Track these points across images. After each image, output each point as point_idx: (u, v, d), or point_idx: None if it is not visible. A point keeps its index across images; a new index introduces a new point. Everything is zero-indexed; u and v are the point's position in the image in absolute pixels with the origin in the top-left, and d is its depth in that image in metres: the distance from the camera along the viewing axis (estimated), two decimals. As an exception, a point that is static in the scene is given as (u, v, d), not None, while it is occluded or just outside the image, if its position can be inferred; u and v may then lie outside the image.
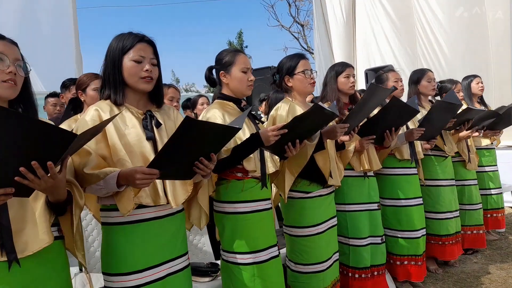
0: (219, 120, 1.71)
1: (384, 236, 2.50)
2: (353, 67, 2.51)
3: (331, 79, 2.43)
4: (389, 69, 3.70)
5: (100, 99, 1.48)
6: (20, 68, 1.17)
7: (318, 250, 2.06)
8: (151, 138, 1.42)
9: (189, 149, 1.30)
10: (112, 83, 1.43)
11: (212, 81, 1.90)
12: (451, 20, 6.02)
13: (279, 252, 1.86)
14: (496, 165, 3.64)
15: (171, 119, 1.55)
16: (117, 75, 1.42)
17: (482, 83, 3.62)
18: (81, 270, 1.92)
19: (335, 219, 2.22)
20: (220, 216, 1.79)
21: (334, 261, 2.17)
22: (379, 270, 2.44)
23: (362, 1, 6.95)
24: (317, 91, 4.11)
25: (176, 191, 1.46)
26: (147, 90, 1.46)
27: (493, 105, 5.10)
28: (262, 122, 2.12)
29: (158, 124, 1.47)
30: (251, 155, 1.73)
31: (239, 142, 1.68)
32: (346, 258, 2.37)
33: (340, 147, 2.30)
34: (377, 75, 3.10)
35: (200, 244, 2.27)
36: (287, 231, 2.13)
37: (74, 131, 1.41)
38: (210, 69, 1.88)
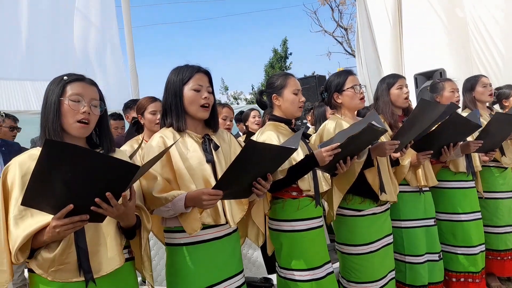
0: (274, 142, 1.79)
1: (441, 253, 2.43)
2: (405, 78, 2.46)
3: (383, 92, 2.40)
4: (445, 78, 3.56)
5: (162, 127, 1.61)
6: (95, 108, 1.30)
7: (371, 269, 2.05)
8: (211, 161, 1.53)
9: (250, 170, 1.39)
10: (175, 111, 1.56)
11: (263, 104, 1.99)
12: (506, 14, 5.64)
13: (332, 268, 1.89)
14: None
15: (226, 142, 1.66)
16: (179, 104, 1.55)
17: (544, 86, 3.38)
18: (144, 282, 2.06)
19: (391, 236, 2.19)
20: (276, 234, 1.86)
21: (390, 279, 2.15)
22: (437, 287, 2.37)
23: (409, 2, 6.71)
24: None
25: (233, 211, 1.56)
26: (204, 117, 1.58)
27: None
28: (310, 135, 2.17)
29: (216, 147, 1.58)
30: (306, 175, 1.79)
31: (294, 163, 1.74)
32: (402, 276, 2.33)
33: (394, 163, 2.27)
34: (432, 84, 3.01)
35: (253, 258, 2.35)
36: (339, 248, 2.15)
37: (141, 155, 1.56)
38: (261, 93, 1.97)
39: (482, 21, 5.89)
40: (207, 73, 1.60)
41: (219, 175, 1.50)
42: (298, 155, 1.78)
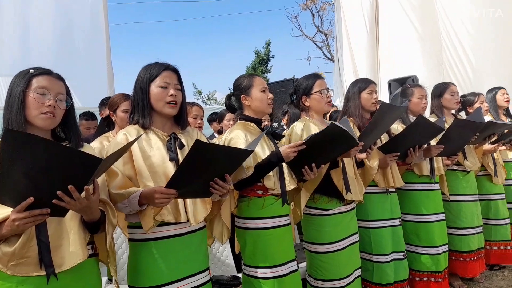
0: (242, 140, 1.82)
1: (405, 252, 2.51)
2: (375, 84, 2.54)
3: (354, 95, 2.46)
4: (415, 84, 3.68)
5: (129, 124, 1.61)
6: (61, 102, 1.28)
7: (337, 267, 2.10)
8: (174, 159, 1.53)
9: (202, 170, 1.38)
10: (141, 108, 1.56)
11: (232, 107, 2.02)
12: (479, 27, 5.88)
13: (298, 267, 1.93)
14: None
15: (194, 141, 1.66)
16: (145, 101, 1.55)
17: (507, 94, 3.55)
18: (110, 280, 2.05)
19: (357, 235, 2.25)
20: (241, 232, 1.88)
21: (356, 278, 2.20)
22: (402, 286, 2.45)
23: (385, 10, 6.91)
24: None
25: (196, 209, 1.56)
26: (172, 114, 1.58)
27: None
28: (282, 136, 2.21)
29: (181, 146, 1.58)
30: (271, 174, 1.82)
31: (259, 160, 1.77)
32: (369, 275, 2.39)
33: (359, 164, 2.34)
34: (402, 88, 3.10)
35: (223, 257, 2.36)
36: (306, 247, 2.18)
37: (106, 150, 1.55)
38: (229, 96, 2.01)
39: (455, 31, 6.12)
40: (176, 71, 1.61)
41: None
42: (265, 154, 1.81)
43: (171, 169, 1.51)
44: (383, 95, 6.34)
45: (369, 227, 2.40)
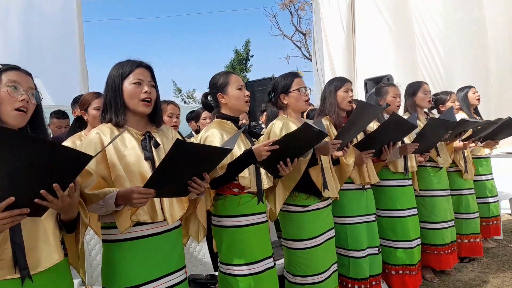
0: (217, 139, 1.81)
1: (380, 247, 2.56)
2: (351, 82, 2.57)
3: (330, 93, 2.49)
4: (389, 83, 3.78)
5: (101, 123, 1.57)
6: (32, 97, 1.26)
7: (316, 262, 2.12)
8: (150, 158, 1.51)
9: (182, 170, 1.37)
10: (114, 106, 1.53)
11: (209, 106, 2.00)
12: (450, 27, 6.08)
13: (274, 263, 1.94)
14: (492, 174, 3.70)
15: (169, 140, 1.64)
16: (118, 99, 1.52)
17: (478, 92, 3.68)
18: (84, 284, 2.00)
19: (333, 231, 2.29)
20: (218, 230, 1.88)
21: (333, 272, 2.23)
22: (376, 280, 2.50)
23: (361, 11, 7.04)
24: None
25: (173, 208, 1.55)
26: (146, 112, 1.56)
27: (493, 112, 5.15)
28: (260, 135, 2.22)
29: (157, 145, 1.56)
30: (247, 172, 1.82)
31: (234, 158, 1.77)
32: (345, 270, 2.43)
33: (335, 162, 2.38)
34: (377, 87, 3.17)
35: (200, 255, 2.35)
36: (285, 244, 2.20)
37: (78, 149, 1.52)
38: (206, 95, 1.99)
39: (428, 31, 6.30)
40: (149, 68, 1.59)
41: None
42: (240, 152, 1.80)
43: (146, 168, 1.49)
44: (360, 94, 6.46)
45: (345, 223, 2.44)
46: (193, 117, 3.87)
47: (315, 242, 2.13)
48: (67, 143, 2.19)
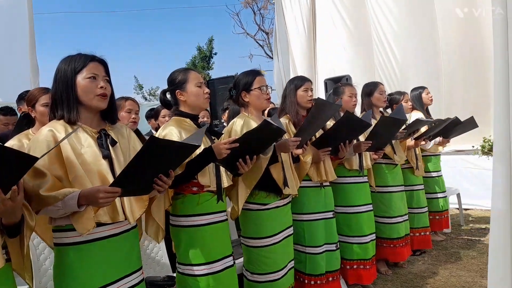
0: (175, 137, 1.77)
1: (338, 243, 2.64)
2: (311, 82, 2.62)
3: (291, 92, 2.53)
4: (346, 83, 3.90)
5: (51, 120, 1.49)
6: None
7: (274, 260, 2.14)
8: (108, 157, 1.46)
9: (151, 167, 1.35)
10: (66, 102, 1.45)
11: (167, 103, 1.96)
12: (404, 30, 6.35)
13: (234, 262, 1.94)
14: (441, 171, 3.93)
15: (124, 137, 1.60)
16: (70, 94, 1.45)
17: (430, 93, 3.90)
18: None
19: (291, 228, 2.32)
20: (176, 230, 1.85)
21: (290, 269, 2.26)
22: (333, 275, 2.57)
23: (322, 12, 7.19)
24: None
25: (133, 207, 1.51)
26: (101, 107, 1.50)
27: (443, 112, 5.45)
28: (220, 134, 2.20)
29: (114, 142, 1.51)
30: (206, 170, 1.80)
31: (193, 157, 1.74)
32: (302, 266, 2.48)
33: (295, 160, 2.41)
34: (334, 87, 3.27)
35: (158, 257, 2.30)
36: (245, 242, 2.20)
37: (27, 148, 1.43)
38: (164, 92, 1.95)
39: (384, 34, 6.55)
40: (103, 62, 1.53)
41: (117, 172, 1.43)
42: (200, 150, 1.78)
43: (105, 167, 1.44)
44: (321, 93, 6.61)
45: (303, 220, 2.49)
46: (152, 115, 3.78)
47: (274, 240, 2.15)
48: (12, 141, 2.05)
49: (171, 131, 1.80)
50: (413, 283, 2.92)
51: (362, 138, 2.89)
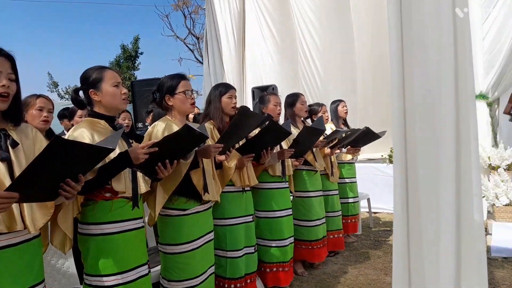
0: (86, 140, 1.67)
1: (256, 246, 2.71)
2: (235, 89, 2.67)
3: (215, 98, 2.55)
4: (272, 92, 4.06)
5: None
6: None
7: (193, 266, 2.12)
8: (6, 159, 1.34)
9: (55, 170, 1.26)
10: None
11: (80, 102, 1.84)
12: (326, 45, 6.80)
13: (149, 271, 1.88)
14: (355, 177, 4.27)
15: (29, 139, 1.47)
16: None
17: (346, 107, 4.22)
18: None
19: (212, 233, 2.32)
20: (84, 239, 1.73)
21: (210, 275, 2.25)
22: (251, 277, 2.64)
23: (252, 24, 7.37)
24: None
25: (34, 215, 1.38)
26: (2, 109, 1.37)
27: (358, 124, 5.92)
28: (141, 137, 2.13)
29: (15, 144, 1.39)
30: (122, 176, 1.72)
31: (107, 161, 1.65)
32: (223, 271, 2.50)
33: (218, 166, 2.43)
34: (260, 96, 3.39)
35: (64, 268, 2.12)
36: (162, 249, 2.15)
37: None
38: (76, 91, 1.83)
39: (308, 47, 6.93)
40: (9, 57, 1.39)
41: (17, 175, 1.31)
42: (115, 154, 1.69)
43: (2, 170, 1.31)
44: (249, 101, 6.75)
45: (225, 225, 2.52)
46: (66, 114, 3.50)
47: (193, 245, 2.13)
48: None
49: (83, 133, 1.69)
50: (326, 283, 3.11)
51: (285, 145, 3.02)
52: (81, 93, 1.85)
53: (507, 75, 5.49)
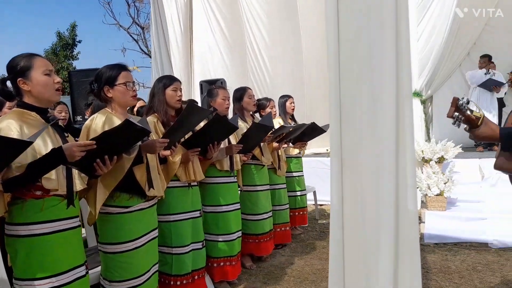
0: (14, 133, 1.52)
1: (204, 241, 2.67)
2: (180, 82, 2.60)
3: (159, 91, 2.47)
4: (220, 86, 4.02)
5: None
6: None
7: (136, 265, 2.03)
8: None
9: None
10: None
11: (7, 93, 1.67)
12: (274, 41, 6.88)
13: (87, 272, 1.77)
14: (302, 171, 4.37)
15: None
16: None
17: (294, 103, 4.30)
18: None
19: (156, 231, 2.24)
20: (12, 240, 1.58)
21: (154, 273, 2.18)
22: (199, 273, 2.59)
23: (199, 15, 7.22)
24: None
25: None
26: None
27: (305, 118, 6.08)
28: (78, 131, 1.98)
29: None
30: (54, 173, 1.59)
31: (38, 157, 1.52)
32: (168, 268, 2.43)
33: (162, 160, 2.35)
34: (209, 89, 3.33)
35: (-10, 274, 1.93)
36: (102, 249, 2.03)
37: None
38: (3, 81, 1.65)
39: (256, 42, 6.97)
40: None
41: None
42: (47, 149, 1.56)
43: None
44: (196, 95, 6.63)
45: (170, 221, 2.45)
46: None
47: (136, 243, 2.04)
48: None
49: (10, 125, 1.53)
50: (274, 275, 3.15)
51: (233, 140, 3.00)
52: (9, 83, 1.68)
53: (439, 74, 5.96)
